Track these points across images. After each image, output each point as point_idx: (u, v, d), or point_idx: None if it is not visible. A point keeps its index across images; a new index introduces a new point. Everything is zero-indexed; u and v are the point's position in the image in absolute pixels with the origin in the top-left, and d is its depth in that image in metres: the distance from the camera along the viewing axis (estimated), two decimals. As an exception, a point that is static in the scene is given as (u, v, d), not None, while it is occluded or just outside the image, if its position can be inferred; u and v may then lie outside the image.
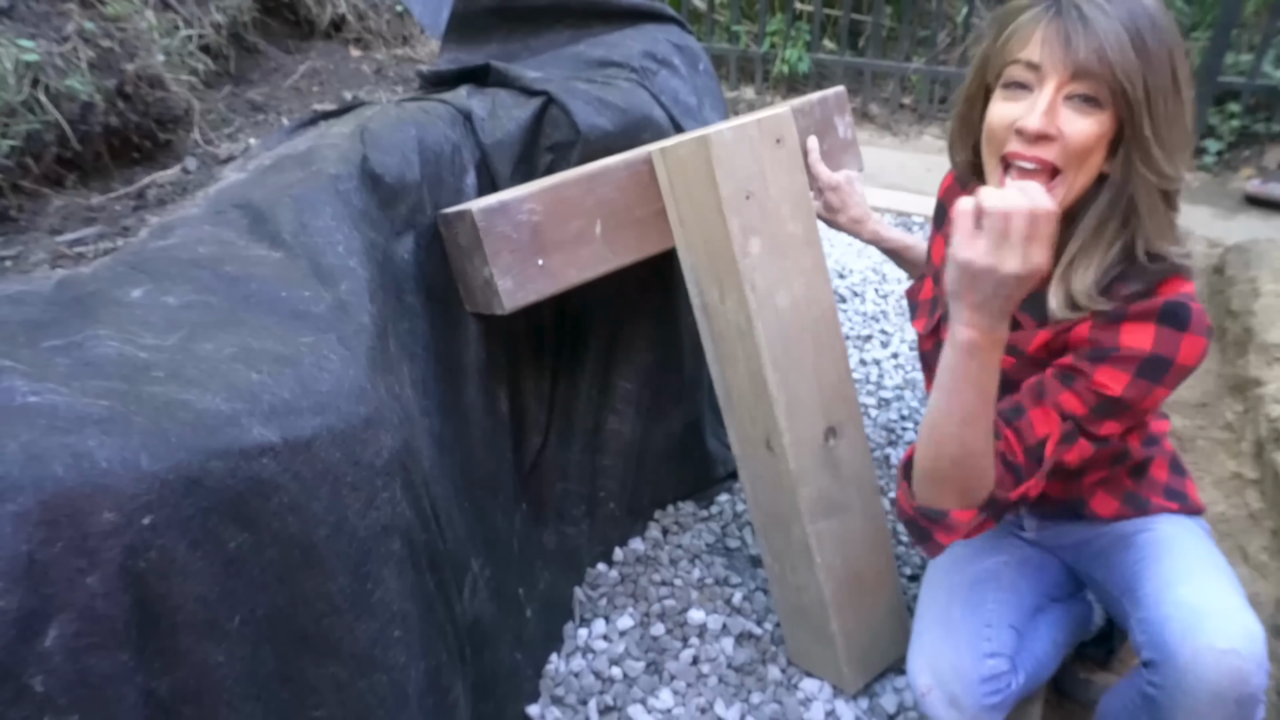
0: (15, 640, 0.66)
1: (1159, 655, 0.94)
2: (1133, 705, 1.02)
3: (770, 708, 1.34)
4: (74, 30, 1.23)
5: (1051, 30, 0.89)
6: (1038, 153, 0.91)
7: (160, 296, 0.87)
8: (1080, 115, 0.90)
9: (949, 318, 0.91)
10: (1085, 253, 0.95)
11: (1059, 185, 0.92)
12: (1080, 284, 0.95)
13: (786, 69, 4.16)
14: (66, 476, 0.68)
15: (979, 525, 1.00)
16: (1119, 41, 0.86)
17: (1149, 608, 0.99)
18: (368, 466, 0.88)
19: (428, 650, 0.99)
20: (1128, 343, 0.93)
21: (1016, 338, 1.06)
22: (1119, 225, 0.94)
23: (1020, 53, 0.92)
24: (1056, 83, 0.89)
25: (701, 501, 1.78)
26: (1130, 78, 0.86)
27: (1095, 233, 0.95)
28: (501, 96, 1.34)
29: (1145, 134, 0.89)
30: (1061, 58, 0.88)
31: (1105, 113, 0.89)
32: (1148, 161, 0.90)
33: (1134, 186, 0.91)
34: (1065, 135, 0.90)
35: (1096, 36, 0.87)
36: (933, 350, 1.21)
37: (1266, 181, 3.10)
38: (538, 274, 1.19)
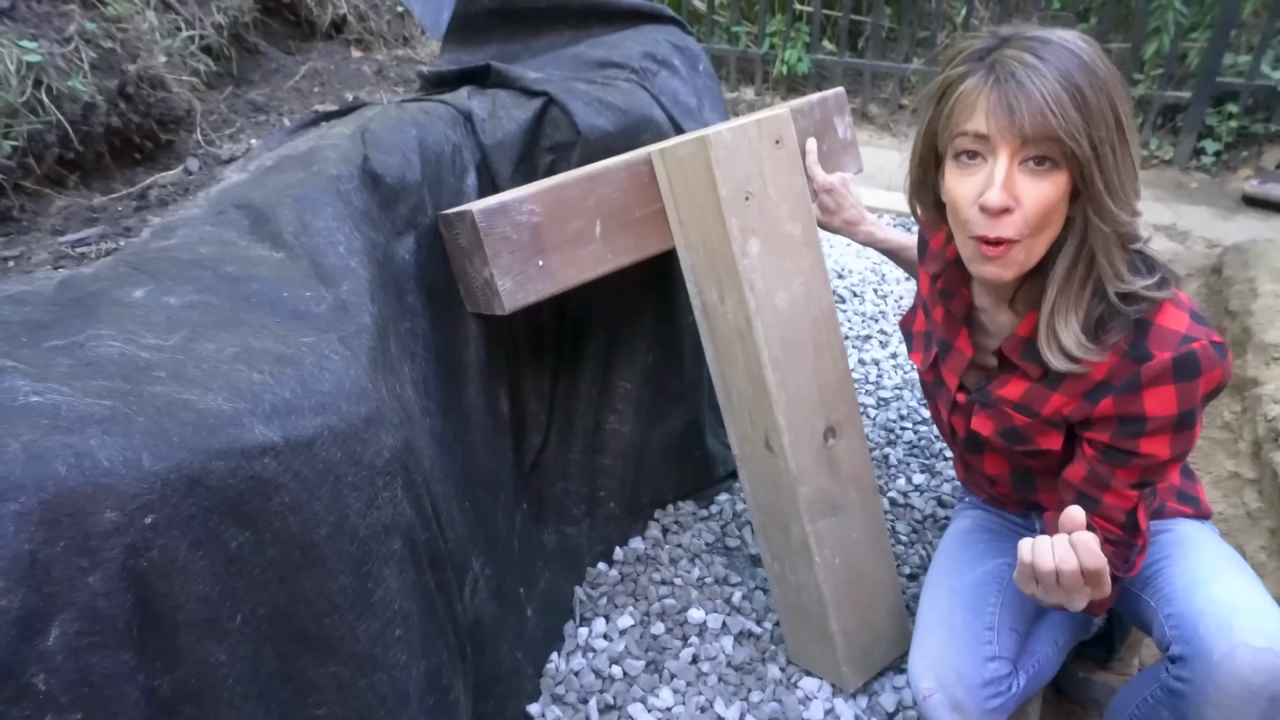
0: (17, 639, 0.66)
1: (1190, 650, 0.95)
2: (1153, 700, 1.03)
3: (770, 706, 1.34)
4: (75, 31, 1.23)
5: (993, 100, 0.88)
6: (1000, 231, 0.91)
7: (162, 296, 0.88)
8: (1036, 180, 0.90)
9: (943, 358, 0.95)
10: (1062, 300, 0.96)
11: (1020, 253, 0.93)
12: (1068, 336, 0.95)
13: (786, 70, 4.17)
14: (68, 476, 0.69)
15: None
16: (1059, 103, 0.86)
17: (1178, 603, 1.00)
18: (369, 466, 0.88)
19: (428, 649, 0.99)
20: (1154, 411, 0.95)
21: (1030, 396, 1.05)
22: (1087, 267, 0.94)
23: (967, 124, 0.91)
24: (1009, 152, 0.89)
25: (701, 501, 1.78)
26: (1076, 138, 0.86)
27: (1066, 279, 0.95)
28: (502, 97, 1.34)
29: (1097, 187, 0.89)
30: (1008, 127, 0.88)
31: (1061, 171, 0.90)
32: (1101, 214, 0.90)
33: (1091, 236, 0.92)
34: (1024, 205, 0.90)
35: (1037, 101, 0.86)
36: (934, 382, 1.21)
37: (1265, 182, 3.10)
38: (538, 274, 1.20)
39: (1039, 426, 1.06)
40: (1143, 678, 1.09)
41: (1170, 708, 1.00)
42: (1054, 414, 1.04)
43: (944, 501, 1.76)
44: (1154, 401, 0.94)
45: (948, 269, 1.12)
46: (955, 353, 1.15)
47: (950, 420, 1.19)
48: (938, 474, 1.85)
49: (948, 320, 1.15)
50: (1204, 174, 3.38)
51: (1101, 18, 3.52)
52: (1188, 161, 3.42)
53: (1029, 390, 1.06)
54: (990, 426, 1.11)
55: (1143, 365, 0.94)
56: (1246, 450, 1.91)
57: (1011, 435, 1.10)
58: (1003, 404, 1.09)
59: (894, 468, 1.88)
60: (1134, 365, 0.94)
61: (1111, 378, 0.97)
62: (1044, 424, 1.06)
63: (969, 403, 1.14)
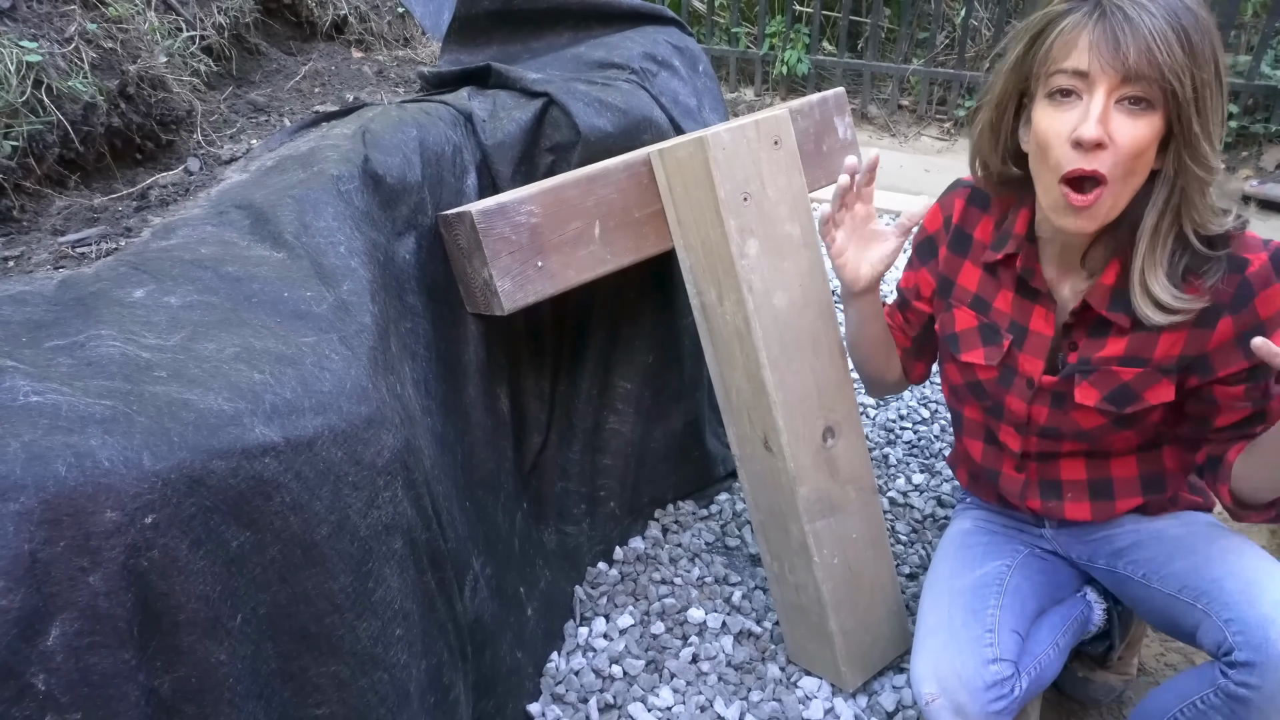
0: (18, 639, 0.66)
1: (1260, 656, 0.95)
2: (1205, 705, 1.02)
3: (769, 706, 1.34)
4: (76, 31, 1.23)
5: (1098, 34, 0.88)
6: (1094, 165, 0.91)
7: (162, 297, 0.88)
8: (1132, 119, 0.89)
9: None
10: (1151, 253, 0.96)
11: (1106, 201, 0.93)
12: (1160, 288, 0.95)
13: (786, 70, 4.17)
14: (69, 476, 0.69)
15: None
16: (1167, 41, 0.85)
17: (1239, 608, 0.99)
18: (369, 466, 0.89)
19: (429, 649, 1.00)
20: (1268, 312, 0.96)
21: (1136, 346, 1.04)
22: (1173, 219, 0.95)
23: (1065, 61, 0.90)
24: (1107, 88, 0.89)
25: (701, 501, 1.79)
26: (1180, 77, 0.86)
27: (1154, 231, 0.95)
28: (502, 98, 1.34)
29: (1194, 130, 0.89)
30: (1111, 62, 0.87)
31: (1156, 113, 0.89)
32: (1196, 158, 0.90)
33: (1185, 181, 0.92)
34: (1118, 142, 0.89)
35: (1144, 38, 0.86)
36: (999, 377, 1.15)
37: (1264, 182, 3.10)
38: (537, 275, 1.20)
39: (1150, 376, 1.04)
40: (1186, 681, 1.07)
41: (1228, 713, 0.99)
42: (1166, 357, 1.02)
43: (944, 501, 1.77)
44: (1267, 304, 0.96)
45: (1023, 246, 1.09)
46: (1033, 335, 1.11)
47: (1030, 410, 1.14)
48: (937, 474, 1.86)
49: (1019, 302, 1.12)
50: (1204, 174, 3.38)
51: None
52: (1187, 162, 3.42)
53: (1131, 341, 1.04)
54: (1095, 394, 1.07)
55: (1245, 272, 0.95)
56: (1246, 450, 1.91)
57: (1120, 396, 1.06)
58: (1106, 364, 1.06)
59: (893, 467, 1.88)
60: (1235, 275, 0.95)
61: (1219, 299, 0.97)
62: (1156, 372, 1.03)
63: (1065, 377, 1.09)
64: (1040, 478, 1.21)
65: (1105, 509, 1.18)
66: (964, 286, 1.19)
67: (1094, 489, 1.19)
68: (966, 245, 1.18)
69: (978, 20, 3.97)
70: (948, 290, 1.21)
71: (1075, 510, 1.20)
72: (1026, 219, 1.09)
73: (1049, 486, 1.21)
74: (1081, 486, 1.19)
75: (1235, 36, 3.46)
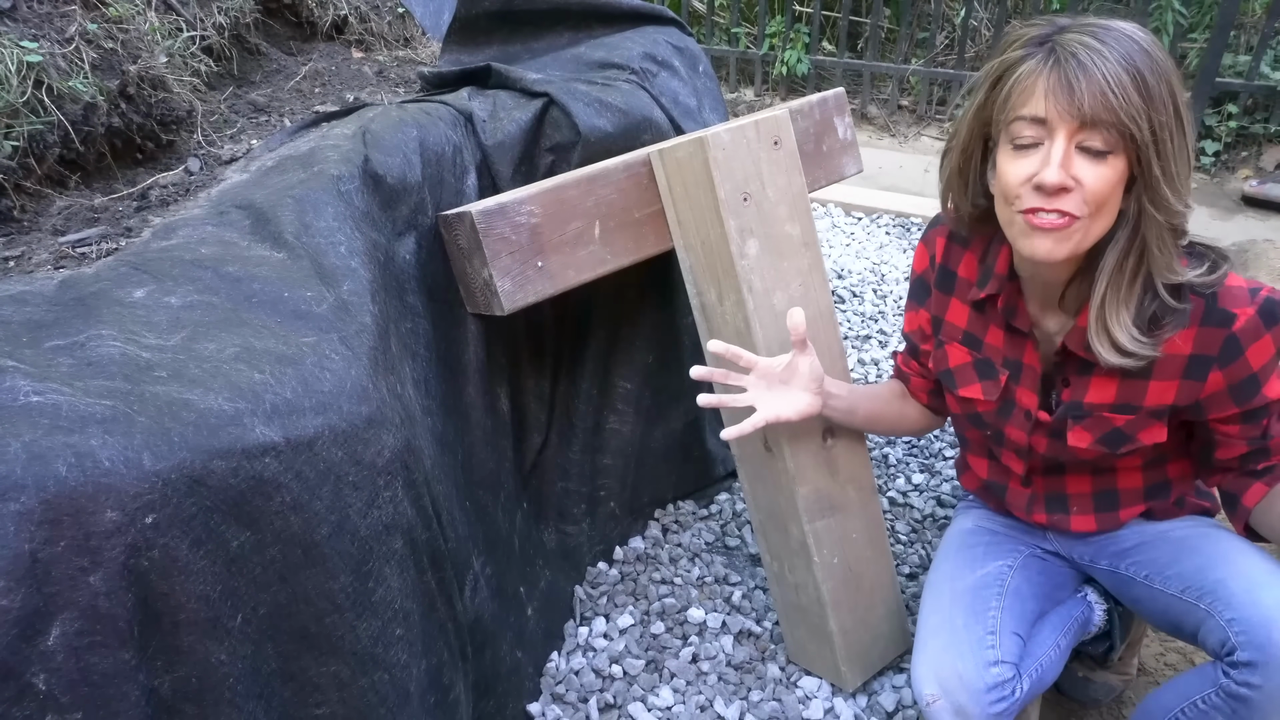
0: (18, 639, 0.66)
1: (1263, 656, 0.95)
2: (1207, 705, 1.02)
3: (769, 705, 1.34)
4: (76, 31, 1.23)
5: (1053, 81, 0.88)
6: (1058, 205, 0.90)
7: (163, 297, 0.88)
8: (1094, 164, 0.89)
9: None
10: (1114, 293, 0.95)
11: (1077, 232, 0.92)
12: (1120, 330, 0.95)
13: (785, 70, 4.17)
14: (69, 476, 0.69)
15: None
16: (1121, 85, 0.85)
17: (1241, 607, 0.99)
18: (369, 466, 0.89)
19: (429, 648, 1.00)
20: (1259, 363, 0.96)
21: (1126, 393, 1.04)
22: (1137, 260, 0.94)
23: (1024, 108, 0.91)
24: (1067, 133, 0.89)
25: (701, 500, 1.79)
26: (1136, 121, 0.86)
27: (1117, 271, 0.95)
28: (502, 98, 1.34)
29: (1155, 174, 0.89)
30: (1067, 109, 0.87)
31: (1119, 157, 0.89)
32: (1157, 202, 0.90)
33: (1145, 226, 0.92)
34: (1084, 185, 0.89)
35: (1099, 83, 0.85)
36: (998, 410, 1.16)
37: (1264, 182, 3.10)
38: (537, 275, 1.20)
39: (1142, 421, 1.05)
40: (1187, 681, 1.07)
41: (1230, 713, 0.99)
42: (1157, 404, 1.03)
43: (943, 501, 1.77)
44: (1257, 356, 0.96)
45: (1004, 285, 1.10)
46: (1028, 369, 1.12)
47: (1031, 440, 1.15)
48: (937, 474, 1.86)
49: (1010, 338, 1.12)
50: (1203, 174, 3.38)
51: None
52: (1187, 162, 3.42)
53: (1122, 387, 1.04)
54: (1088, 438, 1.08)
55: (1232, 327, 0.95)
56: None
57: (1113, 439, 1.07)
58: (1097, 410, 1.06)
59: (893, 467, 1.88)
60: (1221, 330, 0.95)
61: (1203, 349, 0.97)
62: (1148, 417, 1.04)
63: (1058, 419, 1.10)
64: (1046, 491, 1.22)
65: (1110, 520, 1.19)
66: (953, 324, 1.20)
67: (1099, 501, 1.19)
68: (952, 283, 1.19)
69: (978, 20, 3.98)
70: (938, 328, 1.22)
71: (1081, 523, 1.21)
72: (1007, 257, 1.09)
73: (1055, 500, 1.21)
74: (1087, 499, 1.20)
75: (1235, 36, 3.46)
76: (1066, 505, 1.21)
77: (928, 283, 1.22)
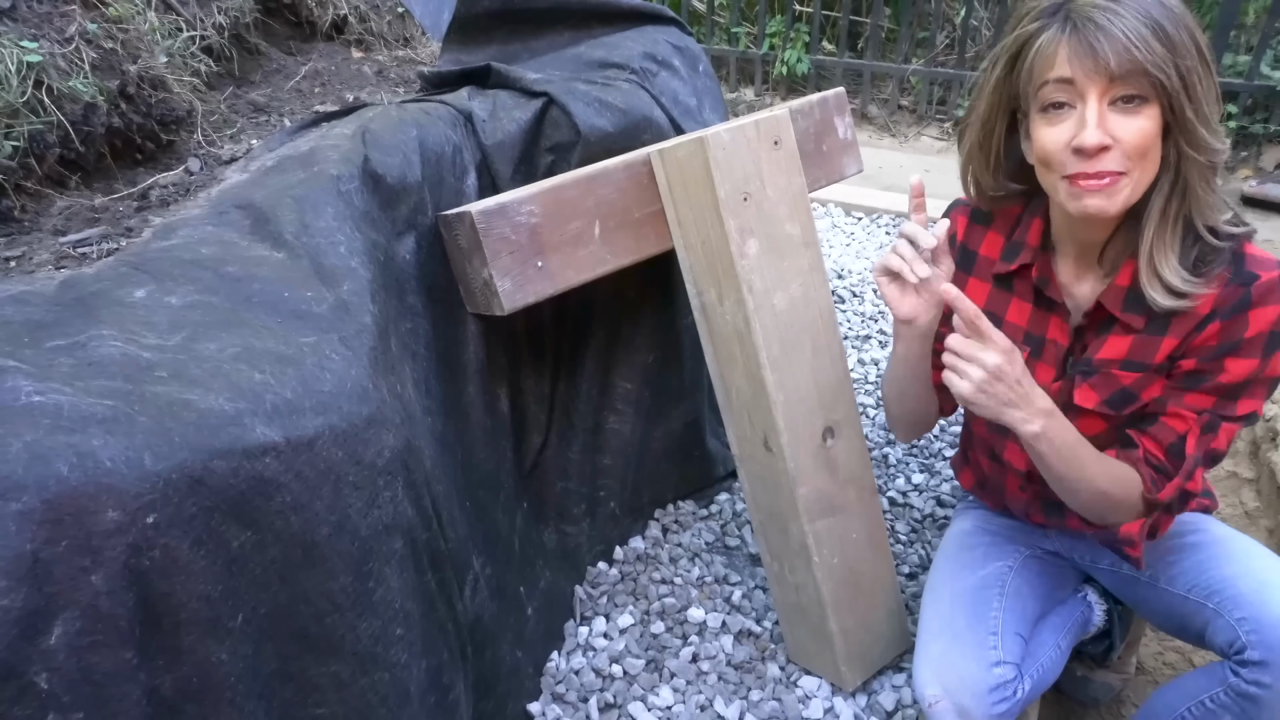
0: (19, 638, 0.66)
1: (1273, 655, 0.96)
2: (1215, 704, 1.02)
3: (769, 705, 1.34)
4: (76, 31, 1.23)
5: (1074, 46, 0.89)
6: (1102, 166, 0.91)
7: (163, 297, 0.88)
8: (1130, 117, 0.90)
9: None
10: (1159, 240, 0.96)
11: (1126, 186, 0.93)
12: (1170, 272, 0.96)
13: (786, 70, 4.17)
14: (70, 476, 0.69)
15: (1153, 528, 1.09)
16: (1143, 39, 0.87)
17: (1251, 607, 1.00)
18: (370, 466, 0.89)
19: (429, 648, 1.00)
20: (1255, 329, 0.96)
21: (1138, 350, 1.04)
22: (1179, 205, 0.95)
23: (1050, 73, 0.91)
24: (1097, 92, 0.90)
25: (701, 500, 1.79)
26: (1164, 69, 0.87)
27: (1162, 217, 0.96)
28: (502, 98, 1.34)
29: (1189, 117, 0.90)
30: (1094, 68, 0.88)
31: (1152, 106, 0.90)
32: (1195, 144, 0.91)
33: (1186, 169, 0.93)
34: (1122, 140, 0.90)
35: (1120, 40, 0.87)
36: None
37: (1264, 182, 3.10)
38: (537, 275, 1.20)
39: (1148, 379, 1.05)
40: (1194, 680, 1.07)
41: (1239, 712, 1.00)
42: (1164, 359, 1.03)
43: (943, 501, 1.77)
44: (1259, 319, 0.96)
45: (1038, 257, 1.09)
46: (1049, 344, 1.12)
47: None
48: (937, 474, 1.86)
49: (1036, 313, 1.12)
50: (1203, 174, 3.38)
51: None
52: (1187, 162, 3.42)
53: (1135, 344, 1.04)
54: (1095, 397, 1.08)
55: (1252, 285, 0.95)
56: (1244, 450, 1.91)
57: (1119, 399, 1.07)
58: (1107, 367, 1.06)
59: (893, 467, 1.88)
60: (1241, 288, 0.96)
61: (1219, 305, 0.97)
62: (1154, 373, 1.04)
63: (1068, 378, 1.10)
64: (1044, 497, 1.22)
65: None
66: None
67: None
68: (971, 262, 1.19)
69: (978, 20, 3.98)
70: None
71: (1079, 522, 1.20)
72: (1040, 228, 1.09)
73: (1051, 504, 1.21)
74: None
75: (1235, 37, 3.46)
76: (1063, 508, 1.21)
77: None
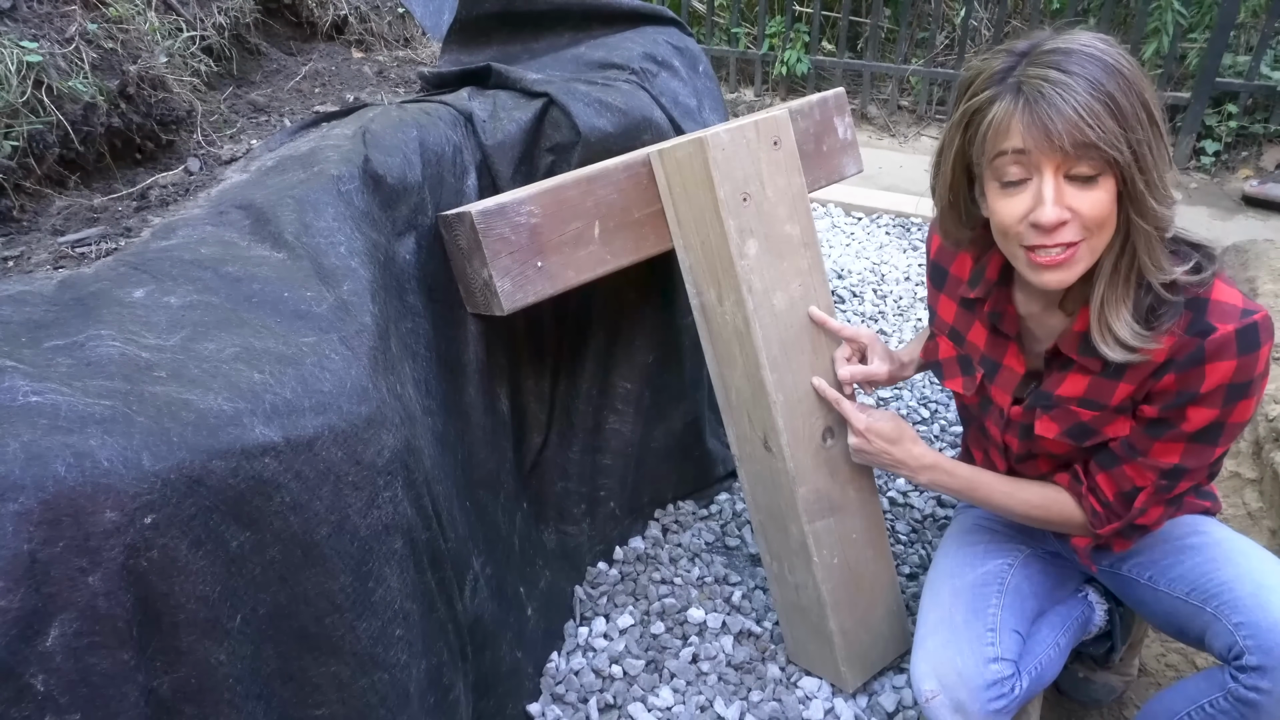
0: (17, 639, 0.66)
1: (1271, 660, 0.96)
2: (1214, 709, 1.02)
3: (770, 706, 1.34)
4: (76, 31, 1.23)
5: (1027, 121, 0.88)
6: (1059, 239, 0.91)
7: (162, 297, 0.88)
8: (1086, 191, 0.90)
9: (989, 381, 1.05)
10: (1110, 294, 0.96)
11: (1084, 255, 0.93)
12: (1122, 326, 0.96)
13: (785, 70, 4.17)
14: (68, 476, 0.69)
15: (1102, 546, 1.16)
16: (1095, 115, 0.85)
17: (1249, 611, 1.00)
18: (369, 466, 0.89)
19: (429, 648, 1.00)
20: (1211, 383, 0.96)
21: (1095, 390, 1.05)
22: (1130, 259, 0.95)
23: (1005, 143, 0.91)
24: (1052, 168, 0.89)
25: (701, 500, 1.79)
26: (1116, 146, 0.86)
27: (1113, 273, 0.96)
28: (502, 98, 1.34)
29: (1140, 189, 0.89)
30: (1048, 148, 0.88)
31: (1107, 178, 0.90)
32: (1143, 213, 0.91)
33: (1134, 235, 0.92)
34: (1080, 212, 0.90)
35: (1072, 118, 0.85)
36: (979, 405, 1.20)
37: (1264, 182, 3.10)
38: (536, 275, 1.20)
39: (1107, 417, 1.05)
40: (1194, 684, 1.07)
41: (1237, 717, 1.00)
42: (1123, 401, 1.04)
43: (944, 501, 1.77)
44: (1214, 373, 0.95)
45: (993, 290, 1.11)
46: (1005, 370, 1.13)
47: (1004, 438, 1.18)
48: (937, 474, 1.85)
49: (993, 339, 1.14)
50: (1203, 174, 3.38)
51: (1100, 18, 3.53)
52: (1187, 162, 3.42)
53: (1092, 384, 1.05)
54: (1055, 428, 1.09)
55: (1206, 339, 0.94)
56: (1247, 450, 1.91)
57: (1078, 432, 1.08)
58: (1065, 403, 1.08)
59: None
60: (1198, 339, 0.95)
61: (1175, 355, 0.97)
62: (1113, 414, 1.05)
63: (1028, 409, 1.12)
64: None
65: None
66: (943, 318, 1.24)
67: None
68: (943, 279, 1.22)
69: (977, 20, 3.98)
70: (933, 319, 1.27)
71: None
72: (999, 265, 1.10)
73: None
74: None
75: (1235, 36, 3.46)
76: None
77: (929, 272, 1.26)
